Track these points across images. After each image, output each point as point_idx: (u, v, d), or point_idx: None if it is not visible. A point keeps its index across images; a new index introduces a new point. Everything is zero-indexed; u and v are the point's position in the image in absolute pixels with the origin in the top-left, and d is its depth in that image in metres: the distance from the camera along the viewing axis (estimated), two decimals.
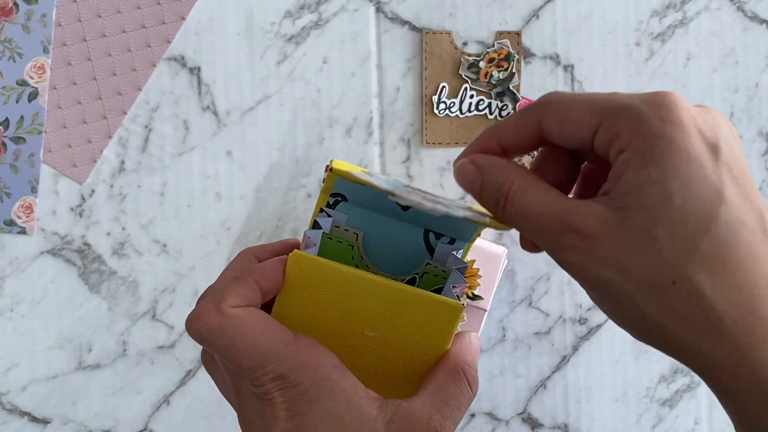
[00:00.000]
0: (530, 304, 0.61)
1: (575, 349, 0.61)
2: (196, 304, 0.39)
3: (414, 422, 0.36)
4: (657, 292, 0.32)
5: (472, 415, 0.61)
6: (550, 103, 0.35)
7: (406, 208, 0.39)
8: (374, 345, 0.39)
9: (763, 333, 0.31)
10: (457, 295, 0.39)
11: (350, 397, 0.36)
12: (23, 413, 0.60)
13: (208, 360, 0.41)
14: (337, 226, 0.40)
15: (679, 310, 0.32)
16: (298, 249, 0.40)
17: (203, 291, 0.41)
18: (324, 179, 0.39)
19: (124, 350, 0.60)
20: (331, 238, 0.40)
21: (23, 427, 0.60)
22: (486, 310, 0.56)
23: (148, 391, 0.60)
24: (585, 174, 0.38)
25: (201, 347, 0.41)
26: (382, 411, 0.36)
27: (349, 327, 0.39)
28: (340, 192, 0.40)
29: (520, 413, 0.61)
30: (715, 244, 0.32)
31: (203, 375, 0.60)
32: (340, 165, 0.38)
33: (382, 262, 0.41)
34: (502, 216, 0.35)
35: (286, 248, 0.42)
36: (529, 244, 0.38)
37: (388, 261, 0.41)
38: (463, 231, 0.40)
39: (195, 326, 0.37)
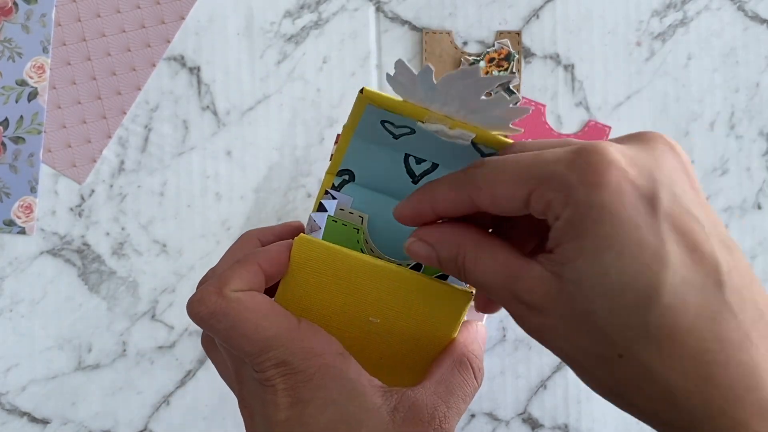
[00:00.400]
0: None
1: None
2: (197, 288, 0.38)
3: (418, 412, 0.36)
4: (607, 364, 0.31)
5: (472, 416, 0.61)
6: (477, 180, 0.34)
7: (416, 181, 0.39)
8: (379, 331, 0.38)
9: (721, 402, 0.30)
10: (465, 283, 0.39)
11: (354, 385, 0.36)
12: (23, 413, 0.60)
13: (208, 344, 0.41)
14: (342, 209, 0.40)
15: (631, 382, 0.31)
16: (303, 232, 0.39)
17: (204, 274, 0.41)
18: (353, 106, 0.37)
19: (124, 350, 0.60)
20: (336, 221, 0.40)
21: (23, 427, 0.60)
22: None
23: (148, 391, 0.60)
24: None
25: (200, 342, 0.40)
26: (387, 399, 0.36)
27: (354, 313, 0.38)
28: (348, 168, 0.40)
29: (521, 413, 0.61)
30: (660, 314, 0.30)
31: (203, 375, 0.60)
32: (373, 91, 0.36)
33: (386, 246, 0.40)
34: (463, 281, 0.35)
35: (289, 231, 0.42)
36: (482, 305, 0.38)
37: (393, 245, 0.40)
38: None
39: (196, 309, 0.36)
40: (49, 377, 0.60)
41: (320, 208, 0.40)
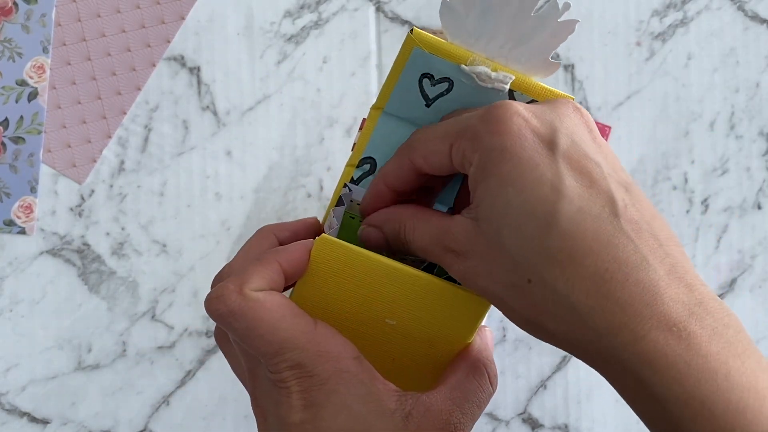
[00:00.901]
0: None
1: None
2: (214, 284, 0.38)
3: (433, 418, 0.36)
4: (518, 291, 0.34)
5: None
6: (413, 141, 0.38)
7: None
8: (395, 334, 0.38)
9: (621, 316, 0.32)
10: None
11: (368, 389, 0.36)
12: (23, 413, 0.60)
13: (221, 337, 0.41)
14: (359, 204, 0.40)
15: (541, 306, 0.33)
16: (319, 228, 0.39)
17: (218, 271, 0.41)
18: (401, 48, 0.39)
19: (124, 350, 0.60)
20: (353, 218, 0.40)
21: (23, 427, 0.60)
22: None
23: (148, 391, 0.60)
24: None
25: (213, 334, 0.41)
26: (401, 404, 0.36)
27: (371, 315, 0.38)
28: (371, 156, 0.40)
29: (521, 413, 0.61)
30: (559, 238, 0.33)
31: (203, 375, 0.60)
32: (422, 32, 0.38)
33: None
34: (410, 252, 0.38)
35: (305, 227, 0.42)
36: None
37: None
38: None
39: (215, 306, 0.36)
40: (49, 377, 0.60)
41: (339, 202, 0.40)
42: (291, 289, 0.39)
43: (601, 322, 0.33)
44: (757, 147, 0.61)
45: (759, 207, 0.61)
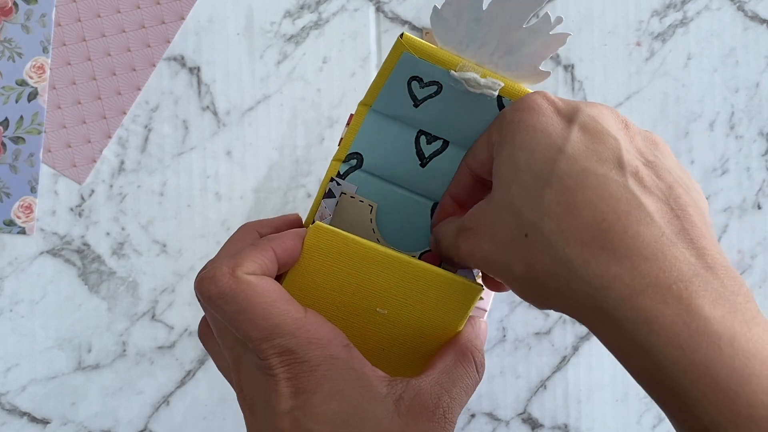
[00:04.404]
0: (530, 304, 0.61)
1: (575, 349, 0.60)
2: (204, 267, 0.37)
3: (423, 401, 0.36)
4: (516, 247, 0.34)
5: (472, 416, 0.61)
6: (470, 148, 0.40)
7: (424, 164, 0.41)
8: (385, 323, 0.39)
9: (617, 268, 0.31)
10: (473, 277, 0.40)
11: (359, 375, 0.36)
12: (23, 413, 0.60)
13: (206, 335, 0.40)
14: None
15: (536, 261, 0.33)
16: (302, 225, 0.40)
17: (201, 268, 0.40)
18: (391, 49, 0.39)
19: (124, 350, 0.60)
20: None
21: (23, 427, 0.60)
22: (486, 310, 0.56)
23: (148, 391, 0.60)
24: None
25: (200, 341, 0.40)
26: (392, 389, 0.36)
27: (362, 303, 0.38)
28: (358, 151, 0.40)
29: (520, 413, 0.61)
30: (557, 192, 0.33)
31: (203, 375, 0.60)
32: (413, 37, 0.38)
33: (392, 236, 0.41)
34: (443, 255, 0.40)
35: (287, 223, 0.42)
36: (491, 285, 0.41)
37: (398, 235, 0.41)
38: None
39: (206, 287, 0.36)
40: (49, 377, 0.60)
41: (328, 194, 0.40)
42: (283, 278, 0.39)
43: (595, 274, 0.31)
44: (757, 147, 0.61)
45: (759, 207, 0.61)
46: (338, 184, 0.40)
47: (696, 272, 0.31)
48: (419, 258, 0.40)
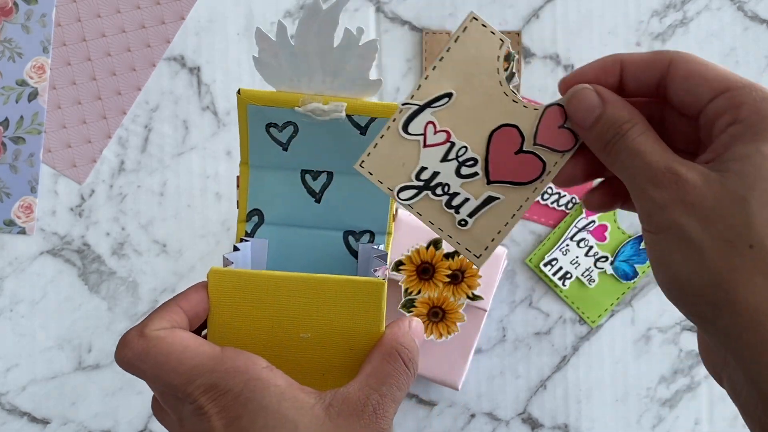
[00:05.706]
0: (530, 304, 0.61)
1: (575, 349, 0.60)
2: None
3: (352, 403, 0.37)
4: (731, 251, 0.32)
5: (472, 415, 0.60)
6: (684, 54, 0.37)
7: (318, 199, 0.42)
8: (314, 346, 0.40)
9: None
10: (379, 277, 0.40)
11: (284, 390, 0.37)
12: (23, 413, 0.60)
13: (156, 409, 0.42)
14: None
15: (746, 272, 0.32)
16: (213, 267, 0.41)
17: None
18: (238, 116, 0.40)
19: None
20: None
21: (23, 427, 0.60)
22: (486, 310, 0.56)
23: (148, 391, 0.60)
24: None
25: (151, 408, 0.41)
26: (320, 399, 0.37)
27: (284, 334, 0.39)
28: (256, 207, 0.42)
29: (520, 413, 0.61)
30: None
31: None
32: (248, 90, 0.40)
33: (309, 271, 0.42)
34: (606, 149, 0.36)
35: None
36: (598, 201, 0.39)
37: (315, 268, 0.42)
38: (376, 216, 0.42)
39: (121, 354, 0.37)
40: (49, 377, 0.60)
41: (234, 249, 0.42)
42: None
43: None
44: None
45: None
46: (243, 246, 0.42)
47: None
48: (497, 130, 0.39)
